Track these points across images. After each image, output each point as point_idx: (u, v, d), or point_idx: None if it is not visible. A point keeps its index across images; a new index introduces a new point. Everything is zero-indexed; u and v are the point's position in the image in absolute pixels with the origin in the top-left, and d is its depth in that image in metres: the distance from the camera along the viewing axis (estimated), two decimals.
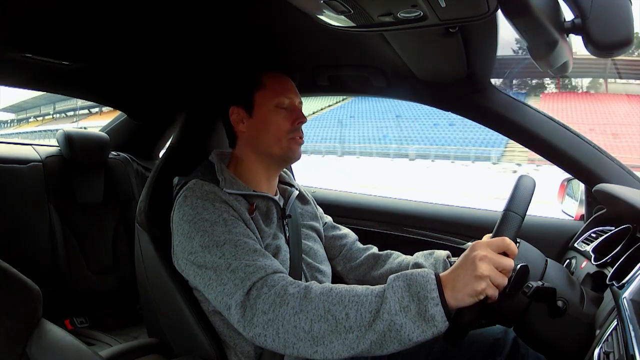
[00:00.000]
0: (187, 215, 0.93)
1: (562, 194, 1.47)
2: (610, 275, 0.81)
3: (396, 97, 1.48)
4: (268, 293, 0.79)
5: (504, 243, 0.73)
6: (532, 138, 1.21)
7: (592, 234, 1.16)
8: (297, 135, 1.07)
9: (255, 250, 0.88)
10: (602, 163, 1.17)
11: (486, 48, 0.99)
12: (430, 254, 1.17)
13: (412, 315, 0.70)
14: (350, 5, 0.66)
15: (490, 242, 0.74)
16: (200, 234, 0.90)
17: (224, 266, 0.85)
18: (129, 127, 2.00)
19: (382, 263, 1.21)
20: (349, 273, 1.24)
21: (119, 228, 1.84)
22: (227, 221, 0.92)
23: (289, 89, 1.08)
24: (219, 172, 1.03)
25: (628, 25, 0.64)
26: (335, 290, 0.77)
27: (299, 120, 1.07)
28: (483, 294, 0.71)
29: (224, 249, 0.87)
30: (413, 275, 0.74)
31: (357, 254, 1.24)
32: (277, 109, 1.05)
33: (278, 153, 1.06)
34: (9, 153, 1.68)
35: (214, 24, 1.03)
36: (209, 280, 0.87)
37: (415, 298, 0.71)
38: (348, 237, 1.27)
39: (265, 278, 0.82)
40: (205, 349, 1.00)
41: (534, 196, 0.84)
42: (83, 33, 1.10)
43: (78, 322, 1.71)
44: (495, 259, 0.72)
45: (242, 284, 0.81)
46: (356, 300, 0.74)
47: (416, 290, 0.71)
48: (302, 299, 0.77)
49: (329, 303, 0.75)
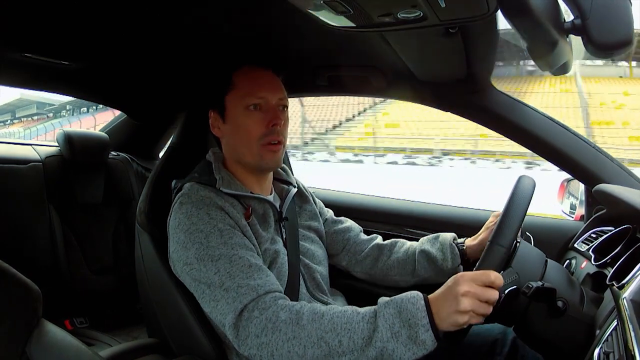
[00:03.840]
0: (182, 224, 0.93)
1: (562, 195, 1.47)
2: (610, 275, 0.81)
3: (396, 98, 1.47)
4: (259, 317, 0.80)
5: (487, 279, 0.74)
6: (532, 138, 1.21)
7: (592, 235, 1.16)
8: (271, 141, 0.98)
9: (250, 266, 0.87)
10: (601, 163, 1.17)
11: (486, 48, 0.99)
12: (436, 239, 1.16)
13: (404, 339, 0.73)
14: (350, 5, 0.66)
15: (474, 277, 0.74)
16: (196, 247, 0.89)
17: (218, 284, 0.85)
18: (128, 127, 2.00)
19: (388, 253, 1.20)
20: (354, 267, 1.22)
21: (118, 228, 1.84)
22: (223, 232, 0.91)
23: (261, 86, 0.99)
24: (216, 171, 1.02)
25: (628, 26, 0.64)
26: (326, 316, 0.78)
27: (272, 122, 0.97)
28: (467, 324, 0.73)
29: (219, 264, 0.87)
30: (403, 302, 0.75)
31: (361, 247, 1.22)
32: (247, 111, 0.98)
33: (250, 162, 1.01)
34: (9, 153, 1.68)
35: (213, 24, 1.03)
36: (202, 294, 0.89)
37: (406, 324, 0.73)
38: (351, 230, 1.25)
39: (257, 300, 0.83)
40: (205, 350, 1.00)
41: (533, 197, 0.84)
42: (83, 33, 1.10)
43: (78, 322, 1.71)
44: (479, 293, 0.73)
45: (235, 304, 0.83)
46: (348, 328, 0.76)
47: (407, 318, 0.73)
48: (295, 326, 0.78)
49: (322, 330, 0.77)
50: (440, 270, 1.13)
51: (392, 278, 1.19)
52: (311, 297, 1.06)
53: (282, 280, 1.00)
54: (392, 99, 1.80)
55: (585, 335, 0.78)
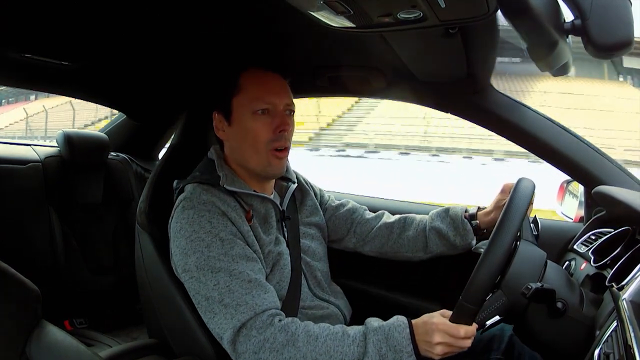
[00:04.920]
0: (183, 230, 0.92)
1: (562, 196, 1.47)
2: (609, 276, 0.81)
3: (396, 98, 1.47)
4: (257, 337, 0.84)
5: (458, 334, 0.79)
6: (531, 139, 1.20)
7: (591, 236, 1.15)
8: (278, 147, 0.98)
9: (250, 281, 0.88)
10: (601, 165, 1.17)
11: (486, 49, 0.99)
12: (446, 212, 1.14)
13: None
14: (349, 5, 0.66)
15: (447, 329, 0.80)
16: (197, 255, 0.90)
17: (217, 299, 0.87)
18: (128, 128, 2.00)
19: (398, 231, 1.19)
20: (363, 247, 1.22)
21: (118, 229, 1.84)
22: (224, 241, 0.90)
23: (270, 91, 0.98)
24: (219, 168, 1.01)
25: (628, 26, 0.64)
26: (320, 339, 0.84)
27: (280, 128, 0.97)
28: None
29: (219, 277, 0.88)
30: (390, 330, 0.83)
31: (368, 226, 1.22)
32: (255, 115, 0.97)
33: (256, 167, 1.00)
34: (8, 153, 1.68)
35: (213, 24, 1.03)
36: (199, 304, 0.91)
37: (392, 349, 0.81)
38: (355, 211, 1.24)
39: (255, 319, 0.85)
40: (205, 350, 1.00)
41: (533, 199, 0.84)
42: (83, 33, 1.10)
43: (77, 322, 1.70)
44: (452, 342, 0.80)
45: (233, 321, 0.85)
46: (340, 350, 0.82)
47: (393, 344, 0.81)
48: (291, 347, 0.83)
49: (316, 352, 0.82)
50: (452, 245, 1.12)
51: (403, 254, 1.19)
52: (313, 296, 1.06)
53: (285, 281, 1.00)
54: (393, 99, 1.80)
55: (585, 336, 0.78)
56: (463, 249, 1.13)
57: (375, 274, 1.47)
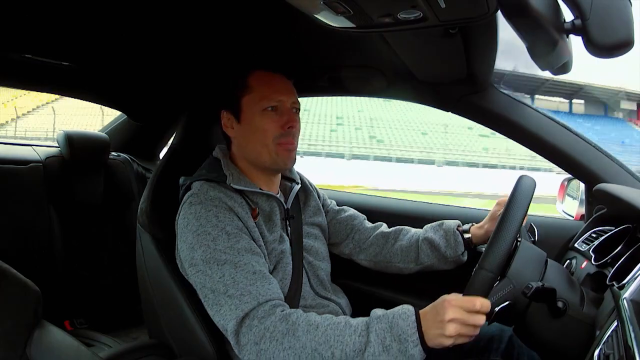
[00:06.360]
0: (190, 225, 0.94)
1: (563, 194, 1.47)
2: (610, 275, 0.81)
3: (397, 98, 1.47)
4: (259, 326, 0.83)
5: (474, 307, 0.75)
6: (533, 138, 1.21)
7: (592, 234, 1.15)
8: (286, 141, 1.02)
9: (254, 272, 0.89)
10: (602, 163, 1.17)
11: (486, 49, 0.99)
12: (440, 226, 1.17)
13: (394, 352, 0.77)
14: (349, 6, 0.65)
15: (462, 304, 0.76)
16: (203, 249, 0.91)
17: (222, 290, 0.88)
18: (129, 128, 2.00)
19: (392, 241, 1.21)
20: (358, 254, 1.24)
21: (118, 229, 1.84)
22: (230, 235, 0.92)
23: (277, 90, 1.03)
24: (225, 167, 1.03)
25: (628, 26, 0.64)
26: (321, 328, 0.81)
27: (289, 124, 1.01)
28: (453, 345, 0.77)
29: (224, 269, 0.88)
30: (395, 318, 0.79)
31: (366, 234, 1.24)
32: (264, 112, 1.01)
33: (266, 160, 1.03)
34: (9, 153, 1.69)
35: (212, 24, 1.03)
36: (206, 297, 0.91)
37: (396, 339, 0.77)
38: (355, 218, 1.26)
39: (257, 309, 0.85)
40: (206, 351, 1.00)
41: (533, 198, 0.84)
42: (83, 34, 1.10)
43: (77, 322, 1.71)
44: (465, 318, 0.75)
45: (237, 311, 0.85)
46: (341, 340, 0.79)
47: (398, 333, 0.77)
48: (291, 336, 0.81)
49: (316, 342, 0.80)
50: (443, 257, 1.14)
51: (395, 265, 1.20)
52: (315, 295, 1.07)
53: (287, 279, 1.01)
54: (393, 99, 1.81)
55: (585, 335, 0.78)
56: (453, 261, 1.14)
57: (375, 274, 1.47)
